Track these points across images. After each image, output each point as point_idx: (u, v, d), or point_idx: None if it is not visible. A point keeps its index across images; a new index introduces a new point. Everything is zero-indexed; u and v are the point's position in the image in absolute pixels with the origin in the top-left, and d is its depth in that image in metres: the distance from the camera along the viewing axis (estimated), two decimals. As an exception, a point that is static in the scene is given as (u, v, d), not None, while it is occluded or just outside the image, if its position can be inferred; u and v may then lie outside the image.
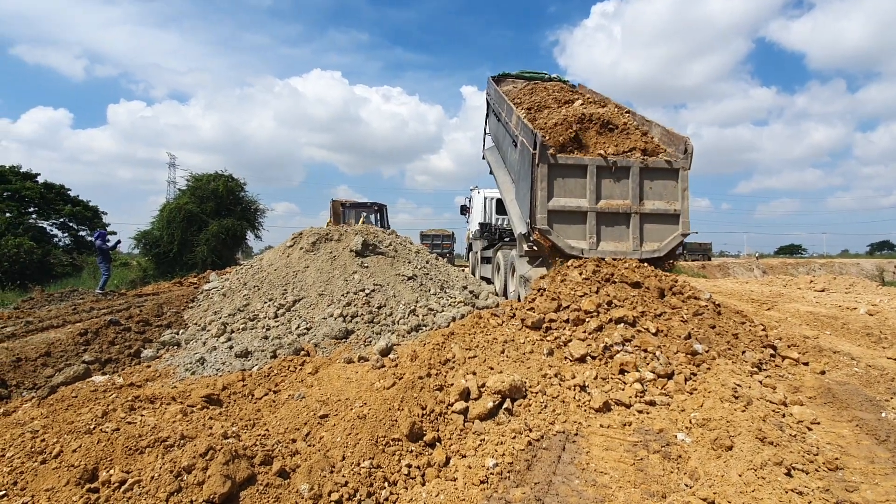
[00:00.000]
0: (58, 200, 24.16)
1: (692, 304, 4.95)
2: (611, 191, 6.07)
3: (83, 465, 2.45)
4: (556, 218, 5.92)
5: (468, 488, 2.76)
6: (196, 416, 3.30)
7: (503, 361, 4.14)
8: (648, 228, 6.08)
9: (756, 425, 3.07)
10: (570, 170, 6.01)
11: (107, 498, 2.30)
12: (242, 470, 2.49)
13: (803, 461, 2.86)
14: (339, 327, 5.56)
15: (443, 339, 4.51)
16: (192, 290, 7.28)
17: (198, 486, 2.38)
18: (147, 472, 2.43)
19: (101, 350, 5.42)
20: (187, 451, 2.47)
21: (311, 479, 2.64)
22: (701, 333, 4.46)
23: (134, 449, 2.57)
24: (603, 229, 6.03)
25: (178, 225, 19.03)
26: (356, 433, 3.17)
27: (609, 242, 6.02)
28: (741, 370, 4.02)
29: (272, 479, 2.57)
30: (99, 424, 2.79)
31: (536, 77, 9.98)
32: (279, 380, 4.55)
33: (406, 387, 3.71)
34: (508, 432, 3.33)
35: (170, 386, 4.56)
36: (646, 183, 6.13)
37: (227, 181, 25.42)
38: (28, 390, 4.55)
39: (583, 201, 5.99)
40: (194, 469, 2.42)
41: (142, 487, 2.35)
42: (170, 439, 2.65)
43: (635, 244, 6.00)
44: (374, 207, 16.44)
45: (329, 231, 7.64)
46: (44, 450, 2.59)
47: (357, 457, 2.94)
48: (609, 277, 5.21)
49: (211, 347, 5.45)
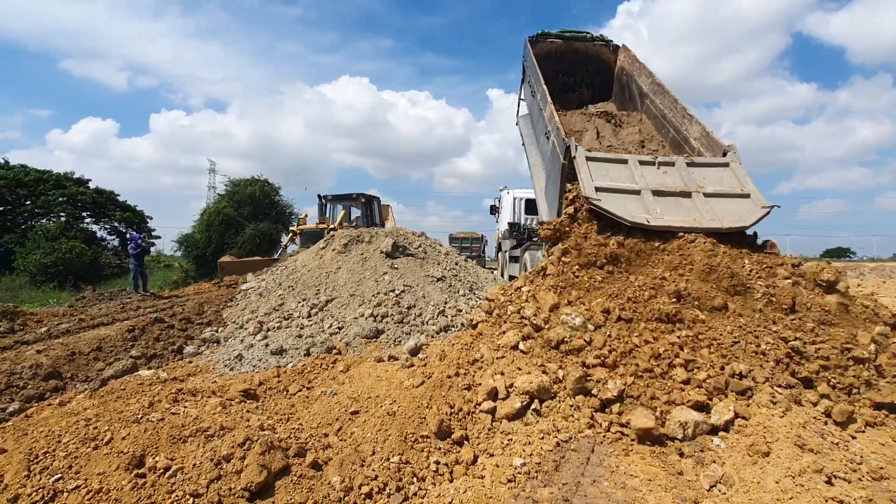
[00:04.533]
0: (108, 205, 25.53)
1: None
2: (660, 179, 5.42)
3: (132, 451, 2.61)
4: (606, 194, 5.11)
5: (496, 486, 2.78)
6: (234, 409, 3.45)
7: (530, 362, 4.13)
8: (719, 205, 5.16)
9: (795, 432, 2.96)
10: (610, 162, 5.54)
11: (153, 483, 2.44)
12: (278, 461, 2.60)
13: (846, 469, 2.74)
14: (369, 327, 5.67)
15: (471, 339, 4.54)
16: (231, 290, 7.56)
17: (236, 475, 2.49)
18: (189, 459, 2.56)
19: (147, 346, 5.72)
20: (226, 441, 2.60)
21: (342, 471, 2.72)
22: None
23: (178, 438, 2.72)
24: (663, 204, 5.14)
25: (217, 228, 19.87)
26: (385, 429, 3.24)
27: (676, 216, 5.03)
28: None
29: (305, 471, 2.67)
30: (146, 414, 2.96)
31: (577, 37, 9.29)
32: (312, 377, 4.69)
33: (435, 385, 3.77)
34: (536, 433, 3.32)
35: (210, 381, 4.77)
36: (696, 172, 5.48)
37: (263, 185, 26.35)
38: (81, 382, 4.84)
39: (632, 184, 5.31)
40: (233, 458, 2.54)
41: (184, 474, 2.48)
42: (210, 429, 2.79)
43: (711, 217, 4.98)
44: (361, 199, 14.59)
45: (360, 233, 7.81)
46: (96, 437, 2.77)
47: (387, 452, 3.00)
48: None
49: (248, 345, 5.67)
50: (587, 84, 9.37)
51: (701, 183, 5.39)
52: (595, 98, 9.26)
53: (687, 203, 5.19)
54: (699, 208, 5.12)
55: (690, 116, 6.35)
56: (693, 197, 5.22)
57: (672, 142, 6.73)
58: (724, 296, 4.35)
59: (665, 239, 4.89)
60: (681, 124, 6.54)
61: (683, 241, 4.80)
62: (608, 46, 9.05)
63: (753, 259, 4.80)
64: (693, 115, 6.32)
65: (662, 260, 4.80)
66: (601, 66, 9.15)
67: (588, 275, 4.76)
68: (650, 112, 7.44)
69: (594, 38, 9.22)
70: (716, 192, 5.31)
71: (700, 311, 4.23)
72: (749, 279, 4.52)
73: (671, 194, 5.27)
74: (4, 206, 22.05)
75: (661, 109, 7.07)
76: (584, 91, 9.37)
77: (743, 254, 4.84)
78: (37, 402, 4.37)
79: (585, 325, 4.22)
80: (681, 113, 6.55)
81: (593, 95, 9.31)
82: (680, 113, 6.56)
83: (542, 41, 9.10)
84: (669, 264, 4.69)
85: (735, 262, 4.70)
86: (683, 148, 6.38)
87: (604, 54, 9.06)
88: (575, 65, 9.28)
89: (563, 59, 9.23)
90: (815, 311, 4.21)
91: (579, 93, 9.36)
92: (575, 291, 4.61)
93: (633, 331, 4.08)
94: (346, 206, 14.36)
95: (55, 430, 2.86)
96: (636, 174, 5.40)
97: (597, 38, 9.23)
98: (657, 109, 7.19)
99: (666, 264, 4.71)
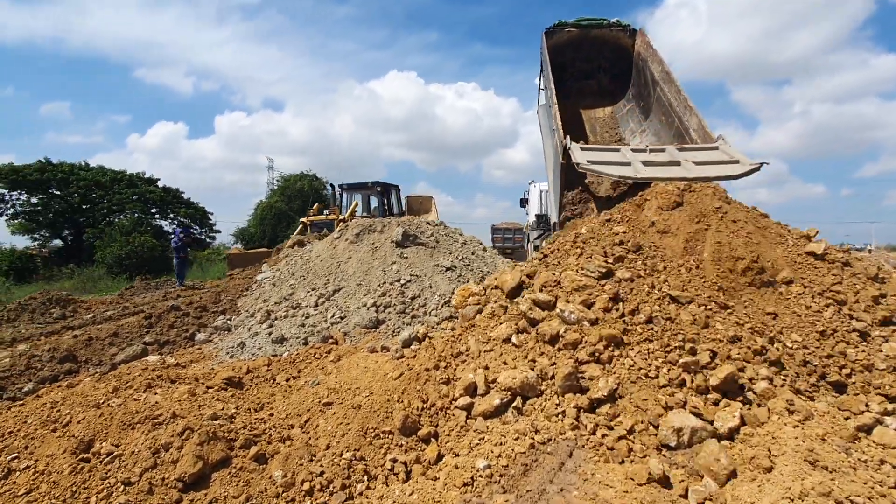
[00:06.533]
0: (174, 202, 27.27)
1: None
2: (651, 157, 5.71)
3: (82, 435, 2.61)
4: (598, 165, 5.52)
5: (447, 490, 2.55)
6: (206, 397, 3.42)
7: (519, 357, 3.84)
8: (706, 168, 5.41)
9: (807, 445, 2.51)
10: (604, 150, 6.01)
11: (91, 468, 2.42)
12: (217, 452, 2.51)
13: (868, 494, 2.28)
14: (369, 317, 5.56)
15: (462, 330, 4.30)
16: (250, 279, 7.74)
17: (172, 464, 2.43)
18: (130, 446, 2.52)
19: (162, 332, 5.93)
20: (168, 430, 2.54)
21: (286, 466, 2.59)
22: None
23: (127, 424, 2.70)
24: (651, 168, 5.48)
25: (269, 222, 20.79)
26: (347, 423, 3.09)
27: (662, 172, 5.36)
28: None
29: (247, 464, 2.56)
30: (108, 400, 2.98)
31: (594, 24, 9.28)
32: (303, 366, 4.63)
33: (411, 378, 3.58)
34: (511, 432, 3.05)
35: (208, 368, 4.83)
36: (687, 153, 5.70)
37: (311, 181, 27.20)
38: (94, 366, 5.07)
39: (623, 159, 5.68)
40: (171, 447, 2.48)
41: (122, 461, 2.44)
42: (161, 417, 2.75)
43: (699, 171, 5.23)
44: (377, 188, 13.68)
45: (373, 222, 7.73)
46: (57, 419, 2.81)
47: (341, 447, 2.85)
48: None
49: (253, 333, 5.73)
50: (605, 71, 9.37)
51: (690, 158, 5.61)
52: (614, 85, 9.21)
53: (676, 168, 5.46)
54: (687, 169, 5.38)
55: (690, 108, 6.46)
56: (682, 164, 5.48)
57: (676, 132, 6.85)
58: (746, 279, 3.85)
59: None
60: (683, 114, 6.67)
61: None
62: (626, 31, 8.91)
63: (790, 237, 4.30)
64: (692, 107, 6.46)
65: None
66: (620, 51, 9.01)
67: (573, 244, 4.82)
68: (660, 100, 7.52)
69: (611, 23, 9.15)
70: (704, 160, 5.55)
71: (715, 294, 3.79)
72: (779, 264, 3.98)
73: (660, 163, 5.55)
74: (87, 205, 24.11)
75: (668, 98, 7.19)
76: (603, 77, 9.35)
77: (771, 229, 4.43)
78: (50, 383, 4.60)
79: (581, 319, 3.87)
80: (683, 103, 6.64)
81: (612, 82, 9.24)
82: (682, 103, 6.65)
83: (558, 32, 9.12)
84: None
85: (759, 240, 4.24)
86: (685, 139, 6.54)
87: (622, 40, 8.93)
88: (593, 52, 9.30)
89: (581, 47, 9.23)
90: (864, 301, 3.61)
91: (598, 80, 9.38)
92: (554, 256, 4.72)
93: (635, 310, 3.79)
94: (364, 195, 13.77)
95: (24, 410, 2.93)
96: (628, 156, 5.69)
97: (613, 23, 9.14)
98: (665, 98, 7.28)
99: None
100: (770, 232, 4.33)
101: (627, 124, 8.93)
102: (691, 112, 6.50)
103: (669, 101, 7.18)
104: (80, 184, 23.31)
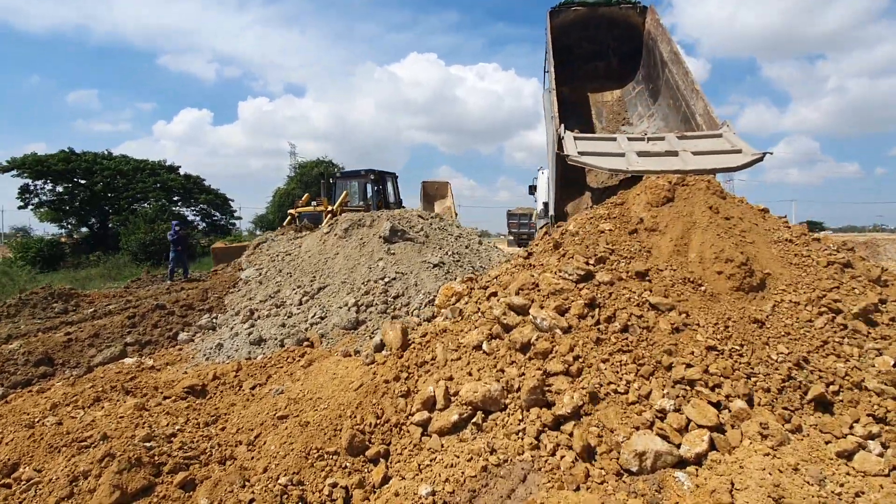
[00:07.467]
0: (196, 190, 27.44)
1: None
2: (648, 147, 5.48)
3: (7, 458, 2.52)
4: (590, 157, 5.32)
5: (381, 522, 2.38)
6: (156, 410, 3.31)
7: (487, 366, 3.62)
8: (706, 158, 5.12)
9: (774, 478, 2.24)
10: (599, 140, 5.73)
11: (9, 496, 2.32)
12: (138, 480, 2.37)
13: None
14: (349, 317, 5.40)
15: (431, 336, 4.09)
16: (235, 275, 7.66)
17: (89, 494, 2.30)
18: (51, 473, 2.41)
19: (144, 332, 5.89)
20: (87, 457, 2.41)
21: (213, 494, 2.45)
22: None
23: (54, 448, 2.59)
24: (646, 159, 5.22)
25: (287, 208, 20.73)
26: (291, 442, 2.94)
27: (657, 164, 5.11)
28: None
29: (171, 492, 2.43)
30: (44, 417, 2.88)
31: (602, 2, 8.81)
32: (273, 371, 4.50)
33: (368, 391, 3.40)
34: (465, 453, 2.85)
35: (181, 371, 4.76)
36: (687, 142, 5.43)
37: (328, 167, 27.02)
38: (71, 368, 5.04)
39: (617, 149, 5.44)
40: (90, 475, 2.35)
41: (39, 489, 2.33)
42: (90, 439, 2.64)
43: (696, 163, 4.96)
44: (370, 176, 12.96)
45: (363, 217, 7.53)
46: (-11, 439, 2.72)
47: (279, 471, 2.69)
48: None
49: (234, 333, 5.64)
50: (614, 51, 8.87)
51: (689, 147, 5.32)
52: (623, 66, 8.72)
53: (673, 159, 5.17)
54: (684, 160, 5.09)
55: (697, 91, 6.24)
56: (680, 155, 5.18)
57: (682, 116, 6.60)
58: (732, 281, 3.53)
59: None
60: (689, 98, 6.43)
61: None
62: (635, 8, 8.37)
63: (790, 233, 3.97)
64: (699, 90, 6.23)
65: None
66: (630, 30, 8.50)
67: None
68: (668, 83, 7.16)
69: (619, 1, 8.60)
70: (704, 150, 5.25)
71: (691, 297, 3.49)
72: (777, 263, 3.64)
73: (656, 154, 5.27)
74: (112, 194, 24.55)
75: (676, 80, 6.88)
76: (613, 58, 8.87)
77: (768, 227, 4.09)
78: (22, 388, 4.58)
79: (553, 326, 3.61)
80: (690, 86, 6.37)
81: (621, 64, 8.76)
82: (689, 86, 6.38)
83: (564, 11, 8.62)
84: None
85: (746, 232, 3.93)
86: (691, 123, 6.31)
87: (631, 17, 8.42)
88: (601, 31, 8.78)
89: (589, 26, 8.73)
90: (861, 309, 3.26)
91: (607, 61, 8.91)
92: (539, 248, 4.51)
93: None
94: (359, 183, 13.07)
95: (-38, 428, 2.85)
96: (623, 146, 5.38)
97: (622, 0, 8.57)
98: (673, 80, 6.95)
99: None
100: (766, 230, 3.98)
101: (636, 108, 8.51)
102: (697, 96, 6.24)
103: (677, 84, 6.87)
104: (103, 173, 23.68)
